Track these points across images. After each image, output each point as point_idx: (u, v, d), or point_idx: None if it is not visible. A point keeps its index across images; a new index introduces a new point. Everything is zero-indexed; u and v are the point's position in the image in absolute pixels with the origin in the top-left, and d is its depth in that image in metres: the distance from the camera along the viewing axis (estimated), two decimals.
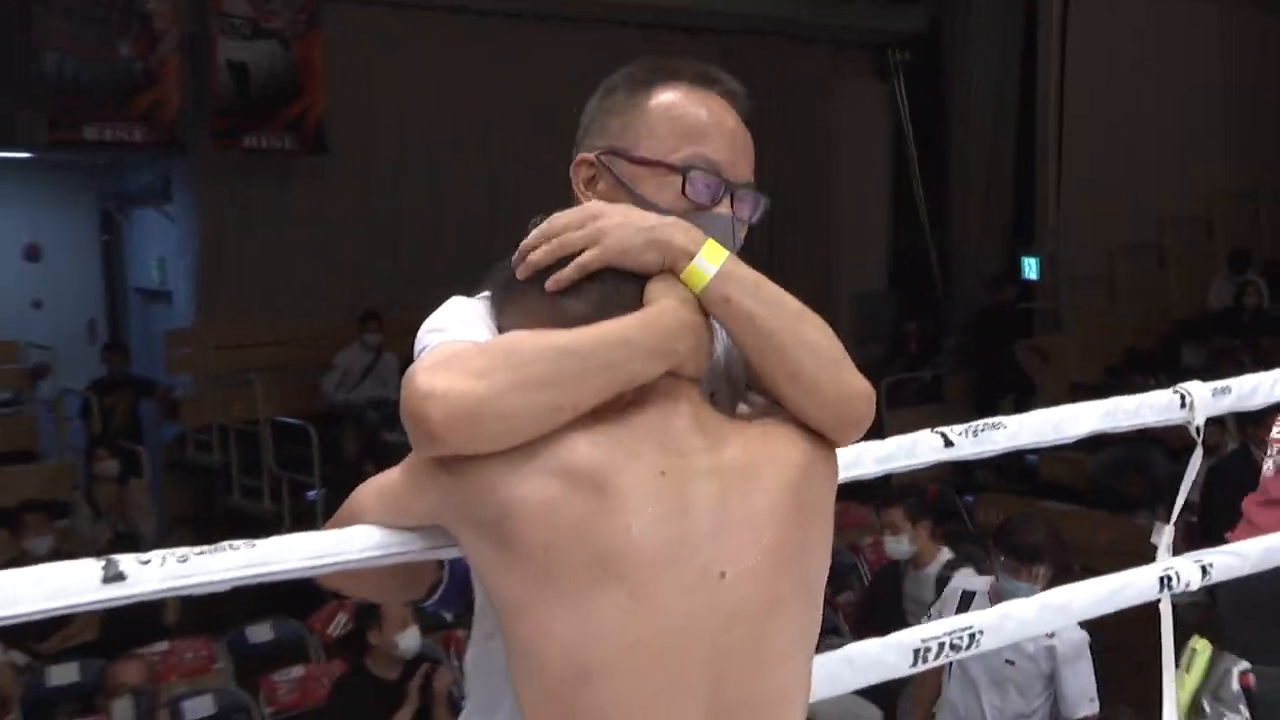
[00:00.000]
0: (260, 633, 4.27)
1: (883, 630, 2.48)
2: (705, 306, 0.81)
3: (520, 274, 0.81)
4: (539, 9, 7.62)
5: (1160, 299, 8.99)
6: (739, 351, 0.87)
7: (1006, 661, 2.76)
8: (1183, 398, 1.36)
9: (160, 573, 0.79)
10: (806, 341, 0.83)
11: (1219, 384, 1.42)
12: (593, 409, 0.77)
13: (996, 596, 2.68)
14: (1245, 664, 1.78)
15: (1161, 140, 8.92)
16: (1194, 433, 1.37)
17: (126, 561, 0.78)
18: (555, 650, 0.77)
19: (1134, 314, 8.80)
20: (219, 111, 6.72)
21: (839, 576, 5.27)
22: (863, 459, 1.14)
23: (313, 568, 0.85)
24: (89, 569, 0.77)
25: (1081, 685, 2.77)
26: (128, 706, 3.91)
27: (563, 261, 0.79)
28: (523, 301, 0.84)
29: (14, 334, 6.87)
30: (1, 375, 6.77)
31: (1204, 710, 1.77)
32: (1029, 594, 1.65)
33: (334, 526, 0.87)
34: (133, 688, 3.90)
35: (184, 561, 0.79)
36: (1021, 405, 7.34)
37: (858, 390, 0.84)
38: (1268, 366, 1.66)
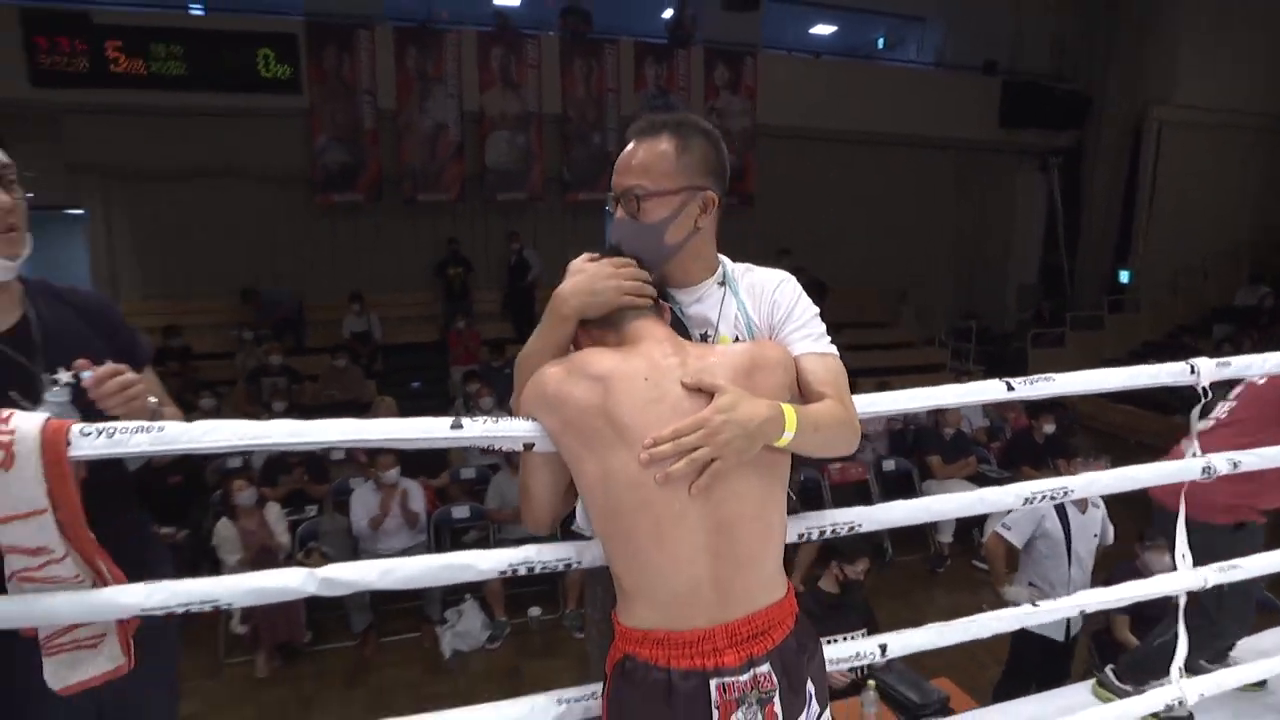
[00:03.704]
0: None
1: (1015, 465, 5.32)
2: (800, 429, 1.05)
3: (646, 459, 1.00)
4: (861, 137, 10.40)
5: (1202, 297, 11.37)
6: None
7: (1094, 535, 3.07)
8: (1192, 368, 1.48)
9: (481, 428, 1.06)
10: (839, 436, 1.13)
11: (1221, 360, 1.53)
12: (614, 345, 1.09)
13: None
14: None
15: (1210, 208, 11.27)
16: (1200, 391, 1.53)
17: (465, 420, 1.06)
18: (596, 492, 1.02)
19: (1184, 305, 11.32)
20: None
21: (992, 430, 6.43)
22: (945, 395, 1.27)
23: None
24: (443, 422, 1.03)
25: (1109, 526, 3.18)
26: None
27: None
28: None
29: None
30: None
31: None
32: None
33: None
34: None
35: (496, 421, 1.03)
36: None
37: (851, 444, 1.15)
38: (1268, 345, 1.91)
